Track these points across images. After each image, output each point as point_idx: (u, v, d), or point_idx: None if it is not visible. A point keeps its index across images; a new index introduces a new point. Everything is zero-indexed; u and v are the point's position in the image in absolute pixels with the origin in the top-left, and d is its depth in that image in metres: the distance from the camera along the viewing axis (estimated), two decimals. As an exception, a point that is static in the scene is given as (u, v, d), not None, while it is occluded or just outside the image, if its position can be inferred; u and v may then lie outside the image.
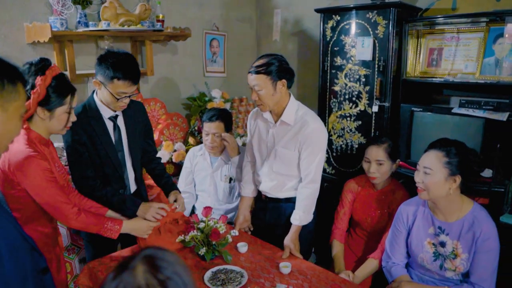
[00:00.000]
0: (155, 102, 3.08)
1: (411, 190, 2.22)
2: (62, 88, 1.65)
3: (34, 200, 1.61)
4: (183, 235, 1.95)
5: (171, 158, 2.99)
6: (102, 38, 2.86)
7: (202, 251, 1.88)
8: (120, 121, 2.06)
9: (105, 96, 1.93)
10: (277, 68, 1.92)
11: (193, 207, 2.76)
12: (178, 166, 3.01)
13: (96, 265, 1.92)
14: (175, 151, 3.02)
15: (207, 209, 1.96)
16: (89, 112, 1.96)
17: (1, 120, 1.02)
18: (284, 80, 1.95)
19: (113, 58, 1.85)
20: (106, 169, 2.02)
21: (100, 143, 1.98)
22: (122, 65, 1.85)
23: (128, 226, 1.86)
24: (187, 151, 3.05)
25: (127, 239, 2.11)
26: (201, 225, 1.95)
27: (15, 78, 1.04)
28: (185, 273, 0.80)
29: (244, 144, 3.29)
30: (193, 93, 3.53)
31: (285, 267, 1.84)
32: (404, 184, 2.33)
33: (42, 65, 1.62)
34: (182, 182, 2.70)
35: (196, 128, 3.20)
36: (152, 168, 2.27)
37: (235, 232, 1.96)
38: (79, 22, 2.78)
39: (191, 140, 3.14)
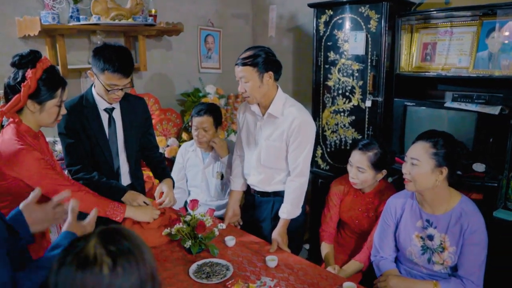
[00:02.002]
0: (148, 98, 3.07)
1: (401, 184, 2.20)
2: (52, 81, 1.65)
3: (25, 191, 1.61)
4: (169, 228, 1.94)
5: (164, 154, 2.97)
6: (94, 33, 2.86)
7: (188, 244, 1.87)
8: (117, 115, 2.09)
9: (99, 87, 1.97)
10: (263, 60, 1.91)
11: (185, 203, 2.75)
12: (171, 162, 3.00)
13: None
14: (168, 146, 3.01)
15: (194, 202, 1.95)
16: (84, 102, 2.01)
17: None
18: (270, 72, 1.94)
19: (106, 50, 1.89)
20: (97, 158, 2.05)
21: (92, 132, 2.01)
22: (113, 58, 1.87)
23: (131, 210, 1.89)
24: (180, 146, 3.04)
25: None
26: (188, 217, 1.94)
27: None
28: (140, 251, 0.79)
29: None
30: (188, 89, 3.52)
31: (272, 260, 1.83)
32: (396, 181, 2.30)
33: (32, 57, 1.61)
34: (174, 178, 2.68)
35: (189, 123, 3.18)
36: (151, 159, 2.29)
37: (222, 226, 1.95)
38: (71, 16, 2.77)
39: (184, 135, 3.13)
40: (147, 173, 2.74)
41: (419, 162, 1.69)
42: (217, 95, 3.36)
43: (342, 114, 2.93)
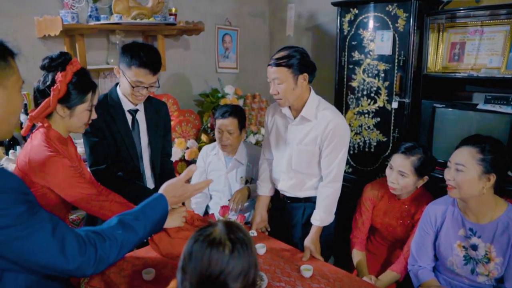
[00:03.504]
0: (167, 98, 3.00)
1: (433, 190, 2.13)
2: (83, 84, 1.58)
3: (51, 200, 1.55)
4: None
5: (183, 156, 2.91)
6: (113, 32, 2.79)
7: None
8: (141, 117, 2.03)
9: (124, 85, 1.92)
10: (298, 61, 1.83)
11: (207, 207, 2.68)
12: (190, 164, 2.93)
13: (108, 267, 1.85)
14: (187, 148, 2.94)
15: (225, 208, 1.88)
16: (109, 101, 1.96)
17: (4, 98, 1.03)
18: (305, 74, 1.86)
19: (135, 46, 1.86)
20: (122, 159, 1.98)
21: (118, 131, 1.95)
22: (141, 53, 1.83)
23: None
24: (199, 148, 2.97)
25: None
26: None
27: (5, 54, 1.03)
28: (250, 242, 1.02)
29: (257, 143, 3.21)
30: (205, 89, 3.45)
31: (307, 270, 1.76)
32: (426, 184, 2.21)
33: (62, 60, 1.55)
34: (194, 182, 2.61)
35: (209, 125, 3.12)
36: (161, 167, 2.20)
37: (253, 233, 1.88)
38: (90, 16, 2.71)
39: (203, 137, 3.06)
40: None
41: (465, 168, 1.61)
42: (236, 95, 3.29)
43: (366, 115, 2.86)
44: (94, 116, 1.67)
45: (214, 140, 3.03)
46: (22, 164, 1.51)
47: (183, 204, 1.97)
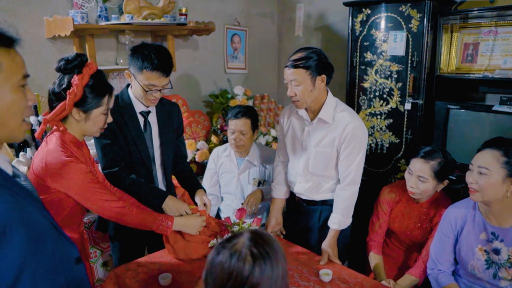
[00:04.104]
0: (176, 99, 2.97)
1: (449, 193, 2.10)
2: (99, 87, 1.54)
3: (67, 205, 1.52)
4: (215, 239, 1.84)
5: (194, 158, 2.88)
6: (123, 32, 2.76)
7: None
8: (153, 119, 1.98)
9: (136, 88, 1.86)
10: (316, 63, 1.80)
11: (218, 209, 2.65)
12: (201, 166, 2.91)
13: (123, 271, 1.82)
14: (197, 150, 2.91)
15: (241, 211, 1.85)
16: (121, 103, 1.90)
17: None
18: (323, 76, 1.84)
19: (145, 48, 1.78)
20: (134, 162, 1.95)
21: (129, 134, 1.91)
22: (152, 56, 1.76)
23: (180, 222, 1.78)
24: (209, 149, 2.94)
25: (155, 243, 2.02)
26: (235, 228, 1.84)
27: None
28: (276, 257, 0.97)
29: (267, 143, 3.18)
30: (214, 90, 3.42)
31: (326, 274, 1.73)
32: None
33: (79, 62, 1.51)
34: (206, 184, 2.59)
35: (218, 126, 3.08)
36: (179, 170, 2.17)
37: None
38: (99, 16, 2.68)
39: (213, 138, 3.03)
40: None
41: (489, 171, 1.58)
42: (245, 96, 3.26)
43: (378, 116, 2.83)
44: (109, 119, 1.63)
45: (224, 142, 3.01)
46: (38, 169, 1.48)
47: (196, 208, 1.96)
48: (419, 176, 1.91)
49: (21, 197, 0.92)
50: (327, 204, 2.02)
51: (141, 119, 1.97)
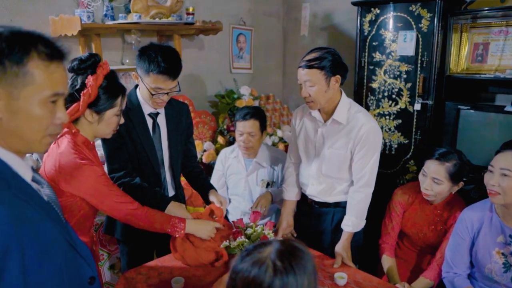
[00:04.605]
0: (182, 99, 2.93)
1: (460, 194, 2.07)
2: (113, 88, 1.51)
3: (81, 209, 1.49)
4: (228, 241, 1.80)
5: (201, 159, 2.85)
6: (129, 32, 2.72)
7: None
8: (161, 120, 1.93)
9: (143, 91, 1.82)
10: (331, 63, 1.77)
11: (226, 211, 2.62)
12: (208, 167, 2.87)
13: (133, 275, 1.78)
14: (204, 151, 2.88)
15: (256, 214, 1.82)
16: (128, 104, 1.84)
17: (12, 111, 0.81)
18: (338, 76, 1.81)
19: (152, 50, 1.72)
20: (142, 165, 1.90)
21: (137, 136, 1.86)
22: (159, 58, 1.70)
23: (192, 225, 1.73)
24: (216, 150, 2.91)
25: (163, 247, 1.98)
26: (248, 230, 1.81)
27: (22, 56, 0.80)
28: (303, 271, 0.91)
29: (274, 144, 3.15)
30: (220, 90, 3.39)
31: (341, 278, 1.70)
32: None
33: (92, 62, 1.47)
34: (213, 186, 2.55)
35: (225, 126, 3.05)
36: (189, 170, 2.14)
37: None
38: (105, 15, 2.65)
39: (220, 139, 3.00)
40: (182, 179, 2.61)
41: (512, 173, 1.56)
42: (252, 96, 3.23)
43: (387, 117, 2.81)
44: (122, 121, 1.60)
45: (231, 142, 2.98)
46: (51, 173, 1.44)
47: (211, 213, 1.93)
48: (434, 178, 1.88)
49: (29, 209, 0.86)
50: (340, 206, 1.99)
51: (149, 121, 1.93)
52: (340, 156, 1.90)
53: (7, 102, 0.81)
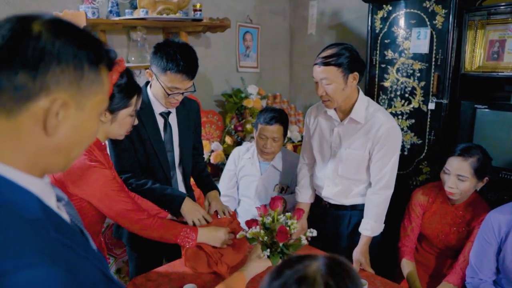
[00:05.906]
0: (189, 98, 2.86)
1: (484, 196, 2.00)
2: (129, 87, 1.44)
3: (88, 214, 1.41)
4: (244, 231, 1.67)
5: (209, 159, 2.77)
6: (134, 29, 2.64)
7: (266, 253, 1.50)
8: (173, 119, 1.86)
9: (157, 90, 1.74)
10: (348, 60, 1.69)
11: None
12: (216, 168, 2.79)
13: (143, 281, 1.70)
14: (212, 151, 2.80)
15: (277, 200, 1.54)
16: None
17: (75, 124, 0.67)
18: (356, 73, 1.73)
19: (170, 47, 1.64)
20: (151, 166, 1.83)
21: (147, 139, 1.78)
22: (178, 56, 1.62)
23: (204, 234, 1.65)
24: (224, 150, 2.83)
25: (173, 252, 1.91)
26: (268, 219, 1.65)
27: (99, 60, 0.69)
28: None
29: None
30: (226, 89, 3.31)
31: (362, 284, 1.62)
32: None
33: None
34: (224, 185, 2.47)
35: (232, 126, 2.98)
36: (194, 168, 2.07)
37: (312, 232, 1.63)
38: (110, 11, 2.57)
39: (228, 139, 2.92)
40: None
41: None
42: (259, 96, 3.15)
43: (400, 117, 2.73)
44: (136, 122, 1.52)
45: (238, 143, 2.90)
46: (59, 174, 1.37)
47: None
48: (458, 175, 1.79)
49: (74, 256, 0.67)
50: (357, 209, 1.92)
51: (161, 120, 1.85)
52: (358, 156, 1.82)
53: (73, 114, 0.67)
